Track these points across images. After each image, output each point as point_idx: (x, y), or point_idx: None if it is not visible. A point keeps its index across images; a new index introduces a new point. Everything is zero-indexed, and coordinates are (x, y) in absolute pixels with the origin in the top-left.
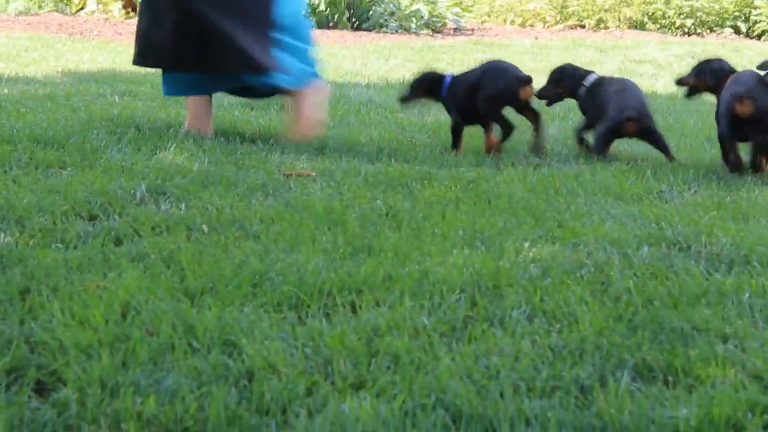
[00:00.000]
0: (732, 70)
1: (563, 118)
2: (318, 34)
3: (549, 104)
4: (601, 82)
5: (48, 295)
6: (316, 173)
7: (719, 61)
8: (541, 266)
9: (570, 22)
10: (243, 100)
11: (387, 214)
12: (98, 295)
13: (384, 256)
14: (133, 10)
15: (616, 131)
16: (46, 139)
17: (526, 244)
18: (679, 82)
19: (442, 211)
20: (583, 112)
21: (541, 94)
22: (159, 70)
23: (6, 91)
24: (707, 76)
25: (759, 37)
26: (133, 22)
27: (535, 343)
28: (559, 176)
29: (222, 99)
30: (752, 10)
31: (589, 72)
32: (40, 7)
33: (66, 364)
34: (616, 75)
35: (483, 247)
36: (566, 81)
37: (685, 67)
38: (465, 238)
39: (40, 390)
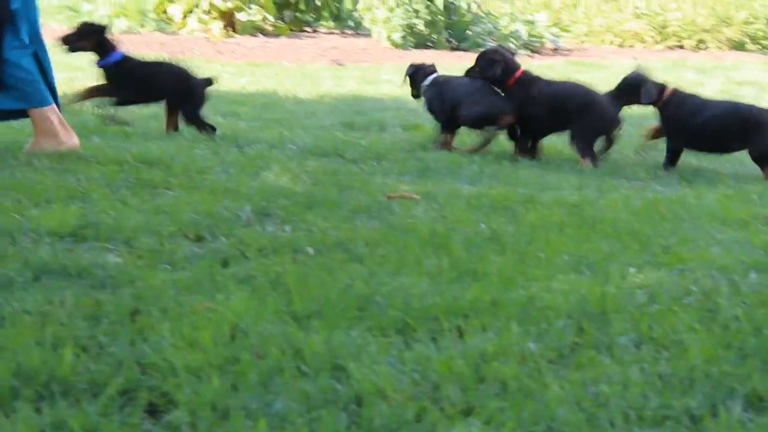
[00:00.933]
0: None
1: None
2: (416, 54)
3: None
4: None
5: (158, 316)
6: (419, 195)
7: None
8: (648, 292)
9: (669, 43)
10: (344, 120)
11: (491, 238)
12: (207, 317)
13: (489, 280)
14: (234, 29)
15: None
16: (152, 160)
17: (632, 270)
18: None
19: (546, 236)
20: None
21: None
22: (262, 92)
23: (111, 111)
24: None
25: None
26: (234, 40)
27: (644, 371)
28: (663, 201)
29: (323, 119)
30: None
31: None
32: (142, 26)
33: (177, 386)
34: (719, 97)
35: (588, 272)
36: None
37: None
38: (570, 263)
39: (153, 411)
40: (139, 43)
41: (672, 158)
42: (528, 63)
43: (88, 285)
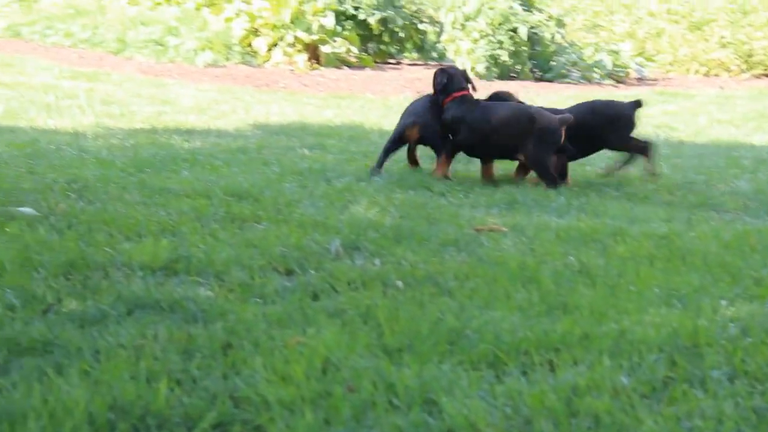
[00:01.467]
0: None
1: (753, 171)
2: (501, 85)
3: None
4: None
5: (250, 350)
6: (507, 228)
7: None
8: (740, 325)
9: (756, 71)
10: (430, 152)
11: (580, 271)
12: (299, 351)
13: (580, 313)
14: (318, 61)
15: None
16: (241, 193)
17: (724, 303)
18: None
19: (636, 268)
20: None
21: None
22: (348, 124)
23: (199, 144)
24: None
25: None
26: (319, 73)
27: (738, 406)
28: (754, 232)
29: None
30: None
31: None
32: (227, 58)
33: (270, 419)
34: None
35: (679, 305)
36: None
37: None
38: (661, 296)
39: None
40: (225, 77)
41: None
42: (613, 93)
43: (180, 319)
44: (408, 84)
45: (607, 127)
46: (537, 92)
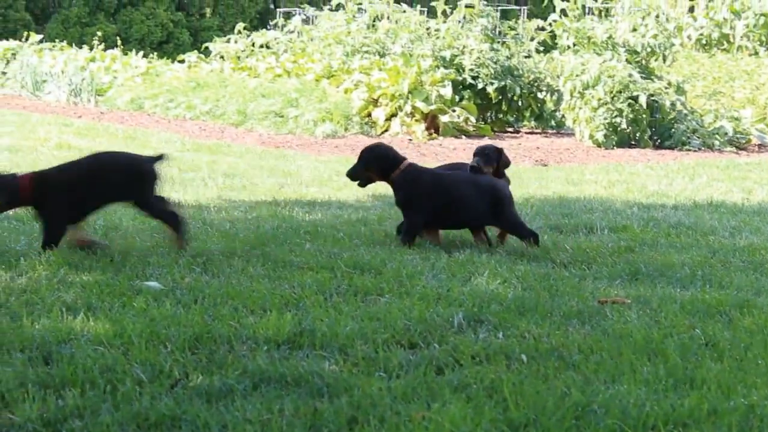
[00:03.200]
0: None
1: None
2: (620, 153)
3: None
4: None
5: (375, 425)
6: (631, 300)
7: None
8: None
9: None
10: (551, 222)
11: (707, 344)
12: (424, 426)
13: (707, 388)
14: (436, 131)
15: None
16: (363, 265)
17: None
18: None
19: (764, 341)
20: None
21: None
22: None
23: (320, 216)
24: None
25: None
26: (437, 142)
27: None
28: None
29: (530, 222)
30: None
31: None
32: (346, 129)
33: None
34: None
35: None
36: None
37: None
38: None
39: None
40: (344, 147)
41: None
42: (735, 160)
43: (306, 393)
44: (527, 153)
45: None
46: (657, 160)
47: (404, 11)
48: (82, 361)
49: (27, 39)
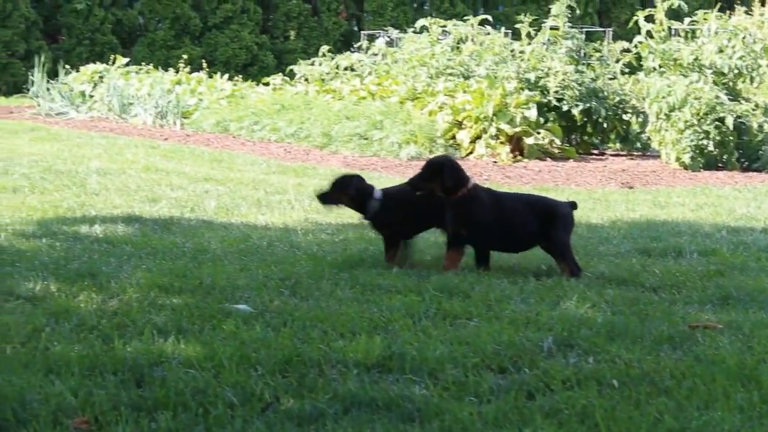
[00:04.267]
0: None
1: None
2: (707, 175)
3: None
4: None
5: None
6: (723, 325)
7: None
8: None
9: None
10: (639, 246)
11: None
12: None
13: None
14: (521, 153)
15: None
16: (452, 289)
17: None
18: None
19: None
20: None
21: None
22: None
23: None
24: None
25: None
26: (522, 164)
27: None
28: None
29: (618, 246)
30: None
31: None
32: (431, 151)
33: None
34: None
35: None
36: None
37: None
38: None
39: None
40: None
41: None
42: None
43: (397, 417)
44: (612, 175)
45: None
46: (745, 183)
47: (488, 33)
48: (174, 383)
49: (114, 62)
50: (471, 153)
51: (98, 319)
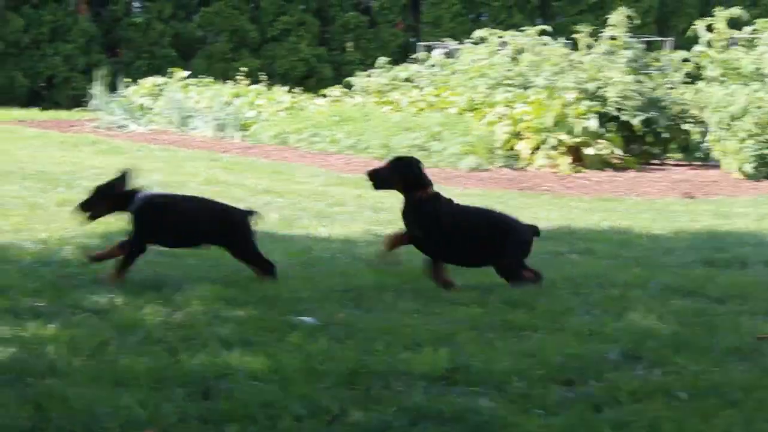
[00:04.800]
0: None
1: None
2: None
3: None
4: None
5: None
6: None
7: None
8: None
9: None
10: (703, 257)
11: None
12: None
13: None
14: (582, 164)
15: None
16: (515, 301)
17: None
18: None
19: None
20: None
21: None
22: (616, 228)
23: None
24: None
25: None
26: (582, 175)
27: None
28: None
29: (682, 257)
30: None
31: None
32: (490, 162)
33: None
34: None
35: None
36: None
37: None
38: None
39: None
40: (488, 180)
41: None
42: None
43: (464, 430)
44: (673, 185)
45: None
46: None
47: (546, 44)
48: (241, 396)
49: (172, 75)
50: (530, 164)
51: (164, 332)
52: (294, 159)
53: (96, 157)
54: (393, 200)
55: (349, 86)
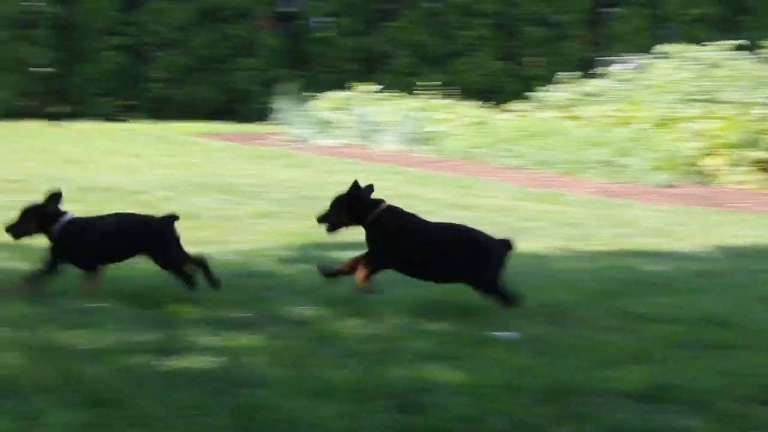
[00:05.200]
0: None
1: None
2: None
3: None
4: None
5: None
6: None
7: None
8: None
9: None
10: None
11: None
12: None
13: None
14: None
15: None
16: (714, 319)
17: None
18: None
19: None
20: None
21: None
22: None
23: (660, 267)
24: None
25: None
26: None
27: None
28: None
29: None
30: None
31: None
32: (680, 179)
33: None
34: None
35: None
36: None
37: None
38: None
39: None
40: (678, 197)
41: None
42: None
43: None
44: None
45: None
46: None
47: (736, 59)
48: (439, 409)
49: (356, 89)
50: (721, 180)
51: (362, 344)
52: (480, 173)
53: (284, 170)
54: (580, 215)
55: (533, 101)
